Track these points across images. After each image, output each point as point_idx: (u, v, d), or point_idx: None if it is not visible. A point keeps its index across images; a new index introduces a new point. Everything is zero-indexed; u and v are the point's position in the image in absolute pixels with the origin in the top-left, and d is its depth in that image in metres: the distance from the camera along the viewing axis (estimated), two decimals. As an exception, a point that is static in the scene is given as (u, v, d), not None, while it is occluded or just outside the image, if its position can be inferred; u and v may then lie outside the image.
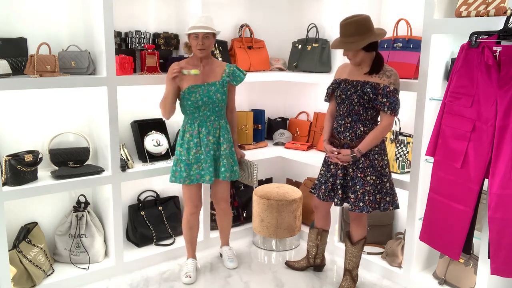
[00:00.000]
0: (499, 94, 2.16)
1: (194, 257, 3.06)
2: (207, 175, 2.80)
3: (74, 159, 2.92)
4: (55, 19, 2.87)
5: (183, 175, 2.81)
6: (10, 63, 2.59)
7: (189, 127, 2.82)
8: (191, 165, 2.81)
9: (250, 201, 3.70)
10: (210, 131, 2.82)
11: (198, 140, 2.81)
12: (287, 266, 3.16)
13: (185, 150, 2.81)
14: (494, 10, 2.28)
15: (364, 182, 2.58)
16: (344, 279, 2.83)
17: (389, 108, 2.50)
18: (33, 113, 2.90)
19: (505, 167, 2.13)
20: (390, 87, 2.50)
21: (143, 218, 3.30)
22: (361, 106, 2.56)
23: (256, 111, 3.79)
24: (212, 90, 2.78)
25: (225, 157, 2.86)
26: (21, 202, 2.85)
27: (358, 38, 2.46)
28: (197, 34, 2.69)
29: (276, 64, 3.76)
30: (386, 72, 2.54)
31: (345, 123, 2.63)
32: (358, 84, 2.57)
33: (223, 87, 2.82)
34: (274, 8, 3.89)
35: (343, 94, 2.61)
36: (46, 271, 2.81)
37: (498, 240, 2.17)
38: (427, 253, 2.94)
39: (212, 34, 2.74)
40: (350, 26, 2.47)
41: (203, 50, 2.72)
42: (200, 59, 2.79)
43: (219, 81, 2.81)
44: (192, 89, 2.75)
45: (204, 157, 2.80)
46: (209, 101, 2.77)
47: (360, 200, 2.58)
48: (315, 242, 3.02)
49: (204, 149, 2.80)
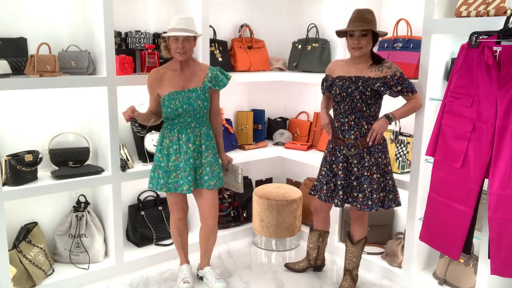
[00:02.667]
0: (499, 94, 2.16)
1: (188, 262, 2.98)
2: (185, 185, 2.63)
3: (74, 159, 2.92)
4: (55, 19, 2.87)
5: (161, 182, 2.67)
6: (10, 63, 2.59)
7: (169, 133, 2.68)
8: (170, 172, 2.67)
9: (250, 201, 3.70)
10: (190, 138, 2.65)
11: (178, 147, 2.66)
12: (287, 268, 3.13)
13: (165, 156, 2.67)
14: (494, 10, 2.28)
15: (371, 180, 2.56)
16: (344, 279, 2.83)
17: (408, 91, 2.53)
18: (33, 113, 2.90)
19: (505, 167, 2.13)
20: (397, 74, 2.50)
21: (143, 218, 3.30)
22: (363, 103, 2.53)
23: (256, 111, 3.79)
24: (192, 97, 2.62)
25: (207, 165, 2.68)
26: (21, 202, 2.85)
27: (373, 25, 2.48)
28: (177, 37, 2.55)
29: (276, 64, 3.76)
30: (385, 64, 2.54)
31: (349, 121, 2.58)
32: (359, 80, 2.54)
33: (205, 93, 2.65)
34: (274, 8, 3.89)
35: (343, 92, 2.55)
36: (46, 271, 2.81)
37: (498, 240, 2.17)
38: (427, 253, 2.94)
39: (193, 37, 2.59)
40: (368, 13, 2.48)
41: (184, 54, 2.57)
42: (180, 63, 2.65)
43: (200, 86, 2.64)
44: (172, 96, 2.61)
45: (183, 165, 2.64)
46: (190, 108, 2.62)
47: (368, 198, 2.56)
48: (316, 244, 3.01)
49: (183, 156, 2.64)
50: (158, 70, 2.70)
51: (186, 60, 2.64)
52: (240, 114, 3.74)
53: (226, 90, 3.70)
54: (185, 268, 2.93)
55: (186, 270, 2.91)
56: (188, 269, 2.93)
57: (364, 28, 2.46)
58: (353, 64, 2.60)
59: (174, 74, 2.66)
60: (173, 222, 2.85)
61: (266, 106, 3.95)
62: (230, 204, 3.61)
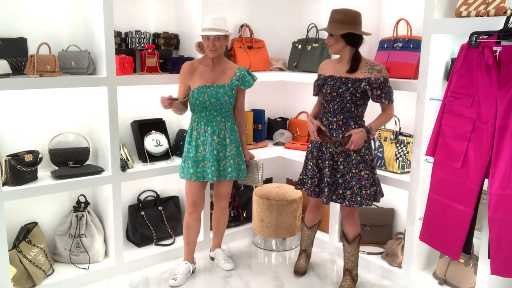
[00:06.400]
0: (499, 94, 2.16)
1: (190, 260, 3.01)
2: (210, 174, 2.82)
3: (74, 159, 2.92)
4: (55, 19, 2.87)
5: (190, 171, 2.83)
6: (10, 63, 2.59)
7: (196, 125, 2.86)
8: (198, 162, 2.84)
9: (250, 201, 3.70)
10: (215, 131, 2.83)
11: (204, 139, 2.83)
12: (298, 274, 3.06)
13: (193, 147, 2.84)
14: (494, 10, 2.28)
15: (360, 177, 2.62)
16: (344, 279, 2.84)
17: (385, 98, 2.59)
18: (33, 113, 2.90)
19: (505, 167, 2.13)
20: (380, 79, 2.57)
21: (143, 218, 3.30)
22: (353, 104, 2.61)
23: (256, 111, 3.79)
24: (220, 92, 2.80)
25: (231, 157, 2.87)
26: (21, 202, 2.85)
27: (343, 26, 2.56)
28: (208, 36, 2.72)
29: (276, 64, 3.76)
30: (375, 67, 2.60)
31: (337, 121, 2.66)
32: (349, 81, 2.60)
33: (232, 90, 2.84)
34: (274, 8, 3.89)
35: (334, 92, 2.63)
36: (46, 271, 2.81)
37: (498, 240, 2.17)
38: (427, 253, 2.94)
39: (223, 36, 2.75)
40: (338, 13, 2.61)
41: (214, 51, 2.76)
42: (212, 60, 2.83)
43: (228, 84, 2.84)
44: (201, 90, 2.78)
45: (208, 156, 2.82)
46: (217, 102, 2.79)
47: (357, 195, 2.62)
48: (312, 237, 3.09)
49: (208, 148, 2.82)
50: (192, 63, 2.88)
51: (217, 57, 2.83)
52: (240, 114, 3.74)
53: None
54: (183, 265, 2.97)
55: (182, 267, 2.96)
56: (185, 266, 2.96)
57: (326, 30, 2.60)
58: (343, 65, 2.67)
59: (206, 69, 2.84)
60: (186, 215, 2.96)
61: (266, 106, 3.95)
62: (230, 204, 3.61)
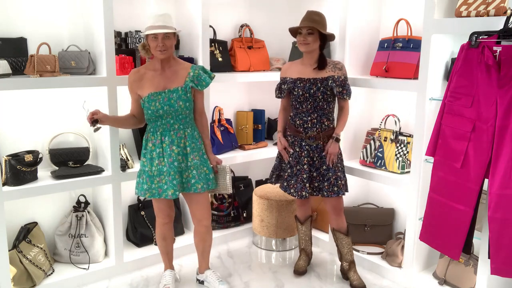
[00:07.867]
0: (499, 94, 2.16)
1: (172, 267, 2.91)
2: (170, 189, 2.53)
3: (74, 159, 2.92)
4: (55, 19, 2.87)
5: (144, 187, 2.58)
6: (10, 63, 2.59)
7: (152, 136, 2.58)
8: (153, 177, 2.57)
9: (250, 201, 3.70)
10: (174, 140, 2.55)
11: (161, 150, 2.56)
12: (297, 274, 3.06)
13: (148, 160, 2.58)
14: (494, 10, 2.28)
15: (336, 169, 2.76)
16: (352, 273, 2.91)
17: (346, 94, 2.76)
18: (33, 113, 2.90)
19: (505, 167, 2.13)
20: (341, 77, 2.73)
21: (143, 218, 3.30)
22: (325, 102, 2.74)
23: (256, 111, 3.79)
24: (173, 98, 2.52)
25: (194, 167, 2.58)
26: (21, 202, 2.85)
27: (323, 27, 2.68)
28: (156, 35, 2.45)
29: (276, 64, 3.76)
30: (337, 65, 2.75)
31: (312, 119, 2.76)
32: (317, 81, 2.71)
33: (186, 93, 2.54)
34: (274, 8, 3.89)
35: (306, 93, 2.72)
36: (46, 271, 2.81)
37: (498, 240, 2.17)
38: (427, 253, 2.94)
39: (173, 33, 2.51)
40: (316, 15, 2.70)
41: (164, 52, 2.48)
42: (161, 62, 2.56)
43: (182, 86, 2.54)
44: (151, 97, 2.52)
45: (167, 169, 2.54)
46: (171, 109, 2.52)
47: (334, 185, 2.74)
48: (308, 234, 3.10)
49: (167, 160, 2.54)
50: (138, 70, 2.62)
51: (167, 58, 2.56)
52: (240, 114, 3.74)
53: (226, 90, 3.71)
54: (168, 274, 2.86)
55: (169, 276, 2.85)
56: (171, 275, 2.86)
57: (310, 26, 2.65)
58: (308, 66, 2.75)
59: (155, 74, 2.58)
60: (158, 226, 2.78)
61: (266, 106, 3.95)
62: (230, 204, 3.61)
